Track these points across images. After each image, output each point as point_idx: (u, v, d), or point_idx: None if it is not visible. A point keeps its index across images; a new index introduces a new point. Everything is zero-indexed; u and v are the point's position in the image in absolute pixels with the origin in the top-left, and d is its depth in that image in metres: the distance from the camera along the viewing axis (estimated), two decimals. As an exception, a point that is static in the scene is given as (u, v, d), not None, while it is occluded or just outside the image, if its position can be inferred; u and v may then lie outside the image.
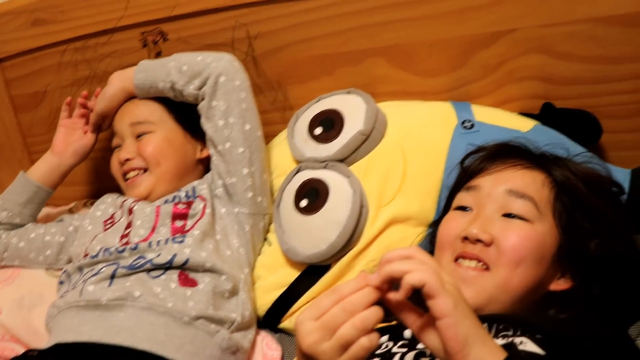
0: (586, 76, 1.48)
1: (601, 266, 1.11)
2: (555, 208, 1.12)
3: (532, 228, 1.09)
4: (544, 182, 1.15)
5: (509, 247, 1.07)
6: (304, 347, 0.78)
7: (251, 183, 1.49)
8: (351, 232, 1.39)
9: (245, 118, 1.48)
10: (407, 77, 1.62)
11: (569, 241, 1.11)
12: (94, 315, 1.28)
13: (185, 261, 1.35)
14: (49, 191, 1.68)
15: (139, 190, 1.55)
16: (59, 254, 1.61)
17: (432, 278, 0.74)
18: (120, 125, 1.60)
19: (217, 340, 1.30)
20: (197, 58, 1.50)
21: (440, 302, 0.73)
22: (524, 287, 1.07)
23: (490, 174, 1.19)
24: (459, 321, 0.73)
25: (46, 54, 1.86)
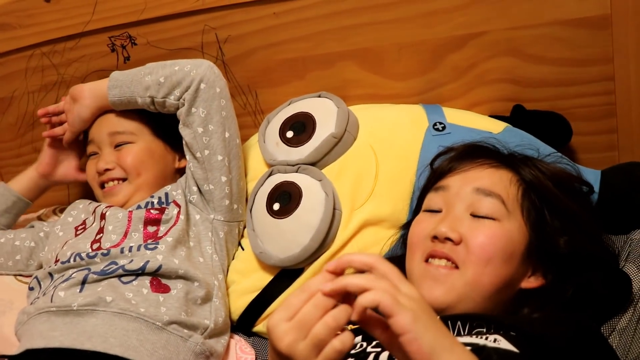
0: (555, 78, 1.50)
1: (571, 264, 1.12)
2: (523, 206, 1.14)
3: (500, 226, 1.10)
4: (512, 180, 1.16)
5: (477, 246, 1.08)
6: (282, 349, 0.77)
7: (228, 191, 1.48)
8: (324, 235, 1.39)
9: (225, 126, 1.47)
10: (378, 80, 1.63)
11: (538, 238, 1.12)
12: (64, 321, 1.26)
13: (158, 268, 1.34)
14: (28, 203, 1.67)
15: (117, 198, 1.53)
16: (29, 260, 1.59)
17: (384, 297, 0.72)
18: (97, 134, 1.58)
19: (191, 345, 1.29)
20: (174, 67, 1.47)
21: (398, 319, 0.72)
22: (494, 284, 1.08)
23: (459, 174, 1.20)
24: (420, 335, 0.72)
25: (13, 59, 1.84)
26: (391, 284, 0.75)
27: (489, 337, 0.94)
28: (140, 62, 1.69)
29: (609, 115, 1.50)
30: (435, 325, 0.75)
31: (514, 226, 1.11)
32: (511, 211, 1.12)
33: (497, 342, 0.93)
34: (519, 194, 1.14)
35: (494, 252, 1.08)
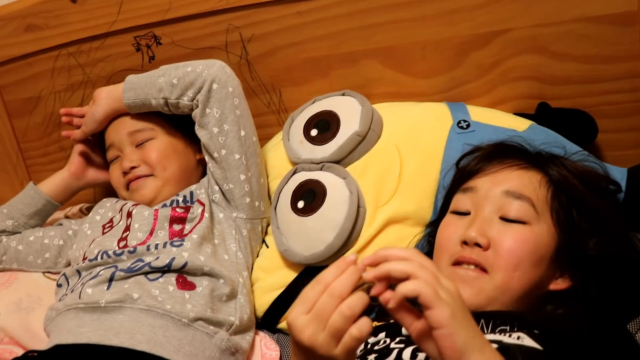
0: (580, 75, 1.49)
1: (599, 265, 1.11)
2: (552, 207, 1.13)
3: (530, 230, 1.09)
4: (541, 181, 1.15)
5: (506, 250, 1.07)
6: (304, 342, 0.77)
7: (248, 189, 1.49)
8: (348, 233, 1.39)
9: (240, 124, 1.48)
10: (402, 78, 1.63)
11: (567, 240, 1.11)
12: (92, 317, 1.28)
13: (184, 265, 1.35)
14: (57, 205, 1.68)
15: (145, 192, 1.54)
16: (58, 257, 1.61)
17: (426, 289, 0.73)
18: (116, 136, 1.58)
19: (216, 342, 1.30)
20: (187, 69, 1.47)
21: (436, 313, 0.72)
22: (523, 288, 1.08)
23: (487, 175, 1.19)
24: (455, 331, 0.73)
25: (39, 60, 1.86)
26: (433, 274, 0.75)
27: (512, 334, 0.94)
28: (165, 61, 1.70)
29: (635, 113, 1.49)
30: (470, 324, 0.75)
31: (543, 229, 1.10)
32: (540, 214, 1.11)
33: (520, 340, 0.93)
34: (548, 196, 1.13)
35: (523, 257, 1.07)
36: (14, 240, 1.62)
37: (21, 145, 2.00)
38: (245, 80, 1.74)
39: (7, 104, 1.95)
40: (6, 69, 1.89)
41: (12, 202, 1.66)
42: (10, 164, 2.02)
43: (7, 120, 1.97)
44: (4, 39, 1.85)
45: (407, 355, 0.97)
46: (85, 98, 1.86)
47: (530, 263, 1.07)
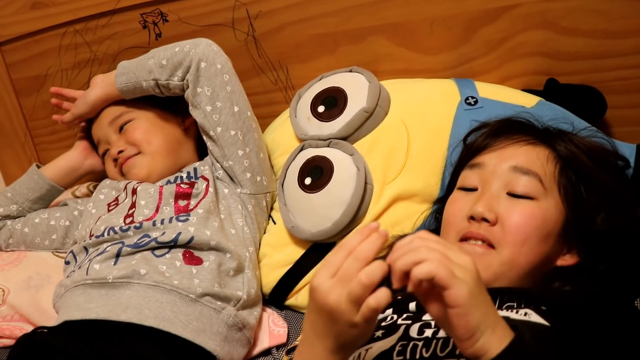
0: (590, 51, 1.47)
1: (607, 240, 1.10)
2: (560, 183, 1.12)
3: (537, 206, 1.09)
4: (549, 157, 1.14)
5: (514, 226, 1.07)
6: (330, 304, 0.77)
7: (248, 164, 1.49)
8: (356, 210, 1.39)
9: (233, 100, 1.47)
10: (409, 54, 1.62)
11: (575, 216, 1.10)
12: (100, 293, 1.29)
13: (190, 239, 1.36)
14: (62, 190, 1.68)
15: (137, 170, 1.55)
16: (65, 238, 1.62)
17: (441, 270, 0.73)
18: (100, 130, 1.61)
19: (224, 317, 1.31)
20: (174, 49, 1.48)
21: (452, 292, 0.73)
22: (530, 263, 1.07)
23: (494, 151, 1.18)
24: (470, 310, 0.73)
25: (46, 37, 1.85)
26: (444, 254, 0.75)
27: (519, 311, 0.94)
28: (171, 38, 1.70)
29: (644, 89, 1.48)
30: (485, 302, 0.76)
31: (551, 204, 1.10)
32: (548, 189, 1.10)
33: (527, 316, 0.93)
34: (556, 171, 1.12)
35: (530, 232, 1.07)
36: (19, 223, 1.63)
37: (29, 124, 2.01)
38: (252, 58, 1.74)
39: (15, 82, 1.95)
40: (13, 47, 1.89)
41: (15, 185, 1.66)
42: (19, 142, 2.02)
43: (14, 98, 1.97)
44: (11, 16, 1.84)
45: (414, 331, 0.97)
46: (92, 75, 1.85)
47: (537, 239, 1.07)
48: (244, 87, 1.54)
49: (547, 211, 1.09)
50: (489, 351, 0.74)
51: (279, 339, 1.41)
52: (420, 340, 0.94)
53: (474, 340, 0.74)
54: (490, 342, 0.74)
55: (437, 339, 0.92)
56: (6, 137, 2.04)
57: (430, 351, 0.91)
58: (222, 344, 1.29)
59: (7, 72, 1.93)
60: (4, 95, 1.96)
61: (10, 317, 1.49)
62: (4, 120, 2.01)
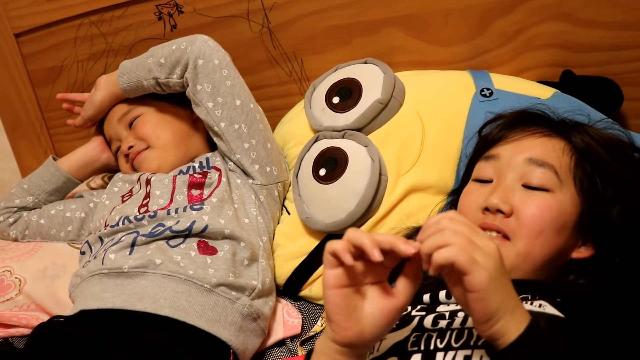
0: (606, 43, 1.47)
1: (623, 233, 1.10)
2: (576, 175, 1.11)
3: (553, 198, 1.08)
4: (564, 149, 1.13)
5: (529, 218, 1.06)
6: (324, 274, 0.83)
7: (255, 156, 1.49)
8: (370, 201, 1.39)
9: (234, 94, 1.47)
10: (424, 46, 1.61)
11: (590, 208, 1.10)
12: (116, 282, 1.29)
13: (204, 228, 1.36)
14: (78, 182, 1.70)
15: (147, 164, 1.56)
16: (80, 230, 1.63)
17: (460, 256, 0.74)
18: (111, 128, 1.62)
19: (238, 307, 1.31)
20: (172, 47, 1.48)
21: (472, 278, 0.73)
22: (545, 256, 1.06)
23: (510, 143, 1.17)
24: (489, 295, 0.74)
25: (62, 29, 1.87)
26: (468, 238, 0.76)
27: (533, 302, 0.94)
28: (186, 30, 1.71)
29: (661, 81, 1.47)
30: (505, 287, 0.76)
31: (566, 197, 1.09)
32: (564, 181, 1.09)
33: (542, 308, 0.93)
34: (571, 164, 1.12)
35: (545, 224, 1.06)
36: (35, 215, 1.64)
37: (45, 115, 2.02)
38: (267, 49, 1.74)
39: (31, 73, 1.97)
40: (29, 38, 1.90)
41: (32, 177, 1.68)
42: (34, 133, 2.04)
43: (30, 89, 1.98)
44: (27, 7, 1.86)
45: (429, 322, 0.97)
46: (108, 67, 1.87)
47: (552, 231, 1.06)
48: (259, 79, 1.55)
49: (563, 203, 1.08)
50: (507, 334, 0.75)
51: (293, 330, 1.41)
52: (435, 331, 0.94)
53: (491, 323, 0.75)
54: (508, 326, 0.75)
55: (451, 330, 0.92)
56: (22, 128, 2.05)
57: (444, 342, 0.91)
58: (237, 334, 1.30)
59: (23, 63, 1.95)
60: (20, 86, 1.98)
61: (26, 307, 1.50)
62: (20, 111, 2.02)
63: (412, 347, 0.93)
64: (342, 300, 0.82)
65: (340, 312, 0.82)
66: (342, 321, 0.82)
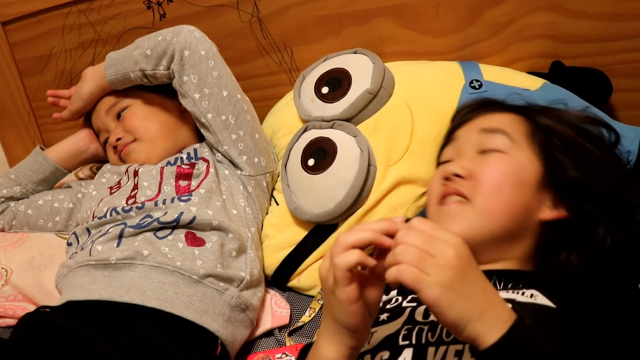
0: (596, 34, 1.47)
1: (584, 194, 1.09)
2: (530, 138, 1.13)
3: (508, 157, 1.10)
4: (519, 120, 1.16)
5: (485, 176, 1.08)
6: (320, 274, 0.83)
7: (243, 147, 1.48)
8: (359, 191, 1.39)
9: (221, 85, 1.46)
10: (414, 36, 1.61)
11: (548, 166, 1.11)
12: (103, 274, 1.29)
13: (192, 219, 1.35)
14: (66, 172, 1.69)
15: (135, 155, 1.55)
16: (68, 220, 1.62)
17: (407, 276, 0.74)
18: (99, 119, 1.61)
19: (227, 298, 1.31)
20: (157, 38, 1.47)
21: (422, 295, 0.73)
22: (506, 211, 1.06)
23: (467, 124, 1.20)
24: (444, 309, 0.73)
25: (50, 17, 1.85)
26: (419, 253, 0.75)
27: (525, 292, 0.94)
28: (176, 19, 1.70)
29: (650, 72, 1.47)
30: (466, 294, 0.75)
31: (522, 156, 1.10)
32: (518, 144, 1.11)
33: (533, 298, 0.92)
34: (526, 130, 1.14)
35: (502, 181, 1.07)
36: (22, 205, 1.63)
37: (32, 104, 2.01)
38: (256, 39, 1.73)
39: (18, 62, 1.95)
40: (17, 26, 1.89)
41: (19, 167, 1.66)
42: (22, 122, 2.02)
43: (18, 78, 1.97)
44: (15, -5, 1.84)
45: (420, 314, 0.97)
46: (96, 56, 1.86)
47: (511, 187, 1.07)
48: (248, 69, 1.54)
49: (518, 161, 1.10)
50: (478, 338, 0.74)
51: (282, 320, 1.41)
52: (426, 324, 0.94)
53: (458, 331, 0.74)
54: (477, 331, 0.74)
55: (442, 323, 0.92)
56: (10, 117, 2.04)
57: (435, 336, 0.91)
58: (225, 325, 1.29)
59: (10, 51, 1.93)
60: (8, 75, 1.96)
61: (13, 297, 1.49)
62: (7, 100, 2.01)
63: (404, 340, 0.94)
64: (363, 309, 0.82)
65: (365, 320, 0.83)
66: (367, 328, 0.84)
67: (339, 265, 0.79)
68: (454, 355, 0.87)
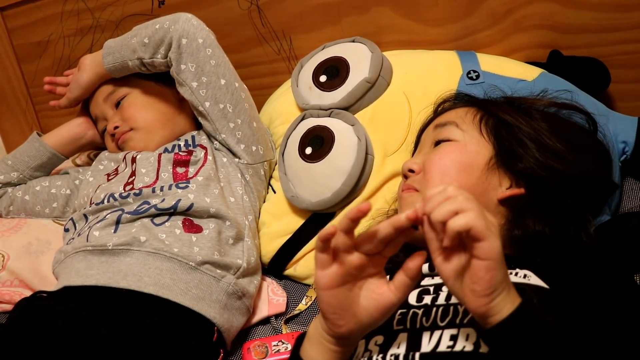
0: (596, 24, 1.46)
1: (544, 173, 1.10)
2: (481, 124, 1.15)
3: (454, 143, 1.14)
4: (468, 110, 1.19)
5: (431, 164, 1.12)
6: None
7: (240, 135, 1.48)
8: (356, 180, 1.39)
9: (218, 74, 1.46)
10: (413, 26, 1.61)
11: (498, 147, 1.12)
12: (100, 259, 1.29)
13: (190, 206, 1.35)
14: (63, 159, 1.68)
15: (132, 144, 1.55)
16: (65, 207, 1.62)
17: (478, 222, 0.73)
18: (97, 107, 1.61)
19: (223, 285, 1.31)
20: (155, 27, 1.46)
21: (488, 245, 0.73)
22: None
23: (429, 126, 1.24)
24: (499, 265, 0.73)
25: (48, 3, 1.85)
26: (480, 208, 0.75)
27: (519, 272, 0.94)
28: (174, 6, 1.69)
29: (649, 63, 1.47)
30: (505, 263, 0.76)
31: (470, 140, 1.13)
32: (468, 131, 1.14)
33: (527, 278, 0.93)
34: (474, 118, 1.17)
35: (447, 165, 1.11)
36: (19, 191, 1.63)
37: (30, 90, 2.01)
38: (255, 27, 1.72)
39: (16, 48, 1.95)
40: (15, 12, 1.88)
41: (16, 153, 1.66)
42: (20, 108, 2.02)
43: (16, 64, 1.96)
44: (13, -19, 1.84)
45: (413, 298, 0.98)
46: (95, 43, 1.85)
47: (458, 170, 1.10)
48: (247, 57, 1.53)
49: (464, 145, 1.13)
50: (502, 311, 0.74)
51: (278, 308, 1.41)
52: (420, 308, 0.95)
53: (492, 296, 0.74)
54: (505, 302, 0.75)
55: (436, 307, 0.93)
56: (7, 103, 2.03)
57: (430, 320, 0.91)
58: (222, 312, 1.29)
59: (8, 37, 1.93)
60: (6, 61, 1.96)
61: (9, 283, 1.49)
62: (5, 86, 2.00)
63: (398, 325, 0.94)
64: (335, 301, 0.82)
65: (335, 311, 0.83)
66: (337, 319, 0.83)
67: (317, 240, 0.80)
68: (449, 340, 0.87)
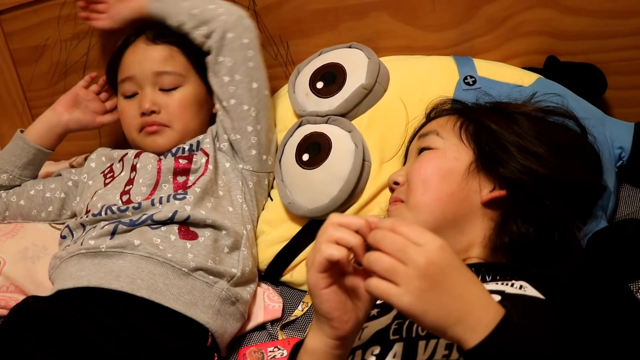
0: (593, 31, 1.46)
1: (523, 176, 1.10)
2: (461, 131, 1.16)
3: (434, 151, 1.15)
4: (449, 119, 1.20)
5: (413, 174, 1.13)
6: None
7: (256, 141, 1.48)
8: (353, 187, 1.39)
9: (252, 76, 1.47)
10: (411, 31, 1.60)
11: (477, 152, 1.13)
12: (93, 262, 1.29)
13: (187, 218, 1.35)
14: (48, 152, 1.65)
15: (161, 141, 1.51)
16: (62, 210, 1.61)
17: (378, 288, 0.73)
18: (140, 71, 1.52)
19: (216, 291, 1.31)
20: (210, 5, 1.47)
21: (395, 307, 0.73)
22: (437, 201, 1.10)
23: (415, 138, 1.24)
24: (420, 316, 0.72)
25: (45, 7, 1.84)
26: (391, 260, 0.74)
27: (514, 283, 0.94)
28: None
29: (646, 70, 1.46)
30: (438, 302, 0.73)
31: (451, 149, 1.14)
32: (448, 138, 1.15)
33: (522, 289, 0.92)
34: (455, 124, 1.17)
35: (427, 173, 1.12)
36: (14, 195, 1.61)
37: (27, 94, 2.00)
38: (252, 32, 1.72)
39: (13, 52, 1.94)
40: (12, 16, 1.88)
41: (3, 154, 1.64)
42: (16, 112, 2.01)
43: (12, 68, 1.96)
44: (10, -16, 1.83)
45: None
46: (91, 47, 1.84)
47: (438, 177, 1.11)
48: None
49: (445, 152, 1.13)
50: (462, 342, 0.73)
51: (274, 314, 1.41)
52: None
53: (439, 334, 0.74)
54: (458, 334, 0.73)
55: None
56: (4, 107, 2.03)
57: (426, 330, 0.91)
58: (215, 317, 1.29)
59: (5, 41, 1.92)
60: (2, 65, 1.95)
61: (5, 289, 1.49)
62: (1, 90, 2.00)
63: (394, 335, 0.94)
64: (336, 296, 0.82)
65: (339, 307, 0.82)
66: (342, 315, 0.82)
67: (322, 252, 0.80)
68: (445, 349, 0.87)
